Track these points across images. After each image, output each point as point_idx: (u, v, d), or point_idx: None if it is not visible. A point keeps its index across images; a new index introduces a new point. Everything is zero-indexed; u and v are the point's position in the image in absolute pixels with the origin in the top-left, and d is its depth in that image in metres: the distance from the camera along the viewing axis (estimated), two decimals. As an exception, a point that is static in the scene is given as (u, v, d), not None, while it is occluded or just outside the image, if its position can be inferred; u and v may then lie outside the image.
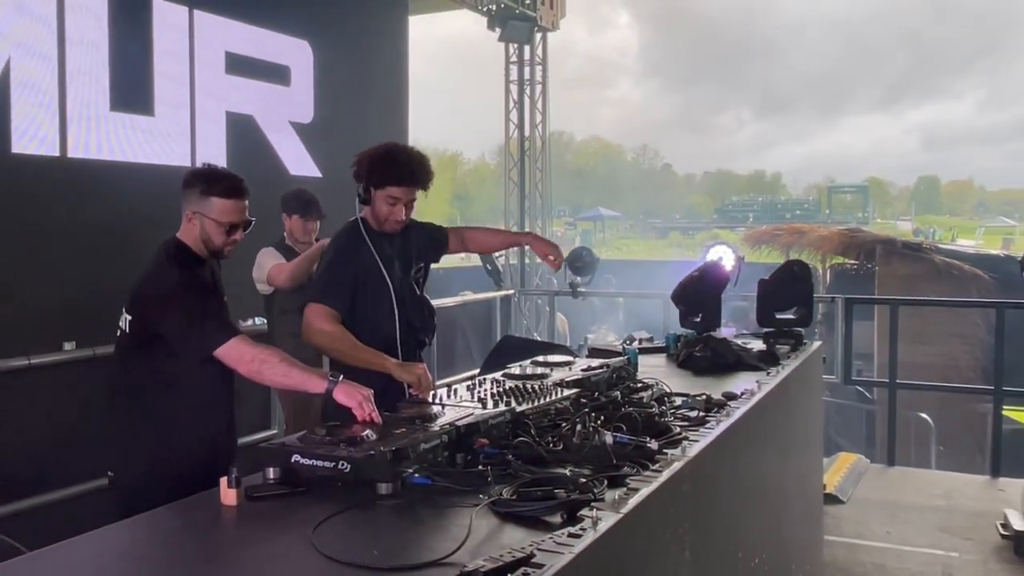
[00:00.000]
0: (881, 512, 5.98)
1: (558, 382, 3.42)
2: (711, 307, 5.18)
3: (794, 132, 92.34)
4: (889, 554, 5.22)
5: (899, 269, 10.10)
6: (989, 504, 6.00)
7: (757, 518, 3.64)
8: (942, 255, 10.19)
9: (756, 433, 3.58)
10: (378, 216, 3.50)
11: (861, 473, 6.88)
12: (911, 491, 6.51)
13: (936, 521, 5.79)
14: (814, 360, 5.23)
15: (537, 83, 9.76)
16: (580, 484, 2.30)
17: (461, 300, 8.90)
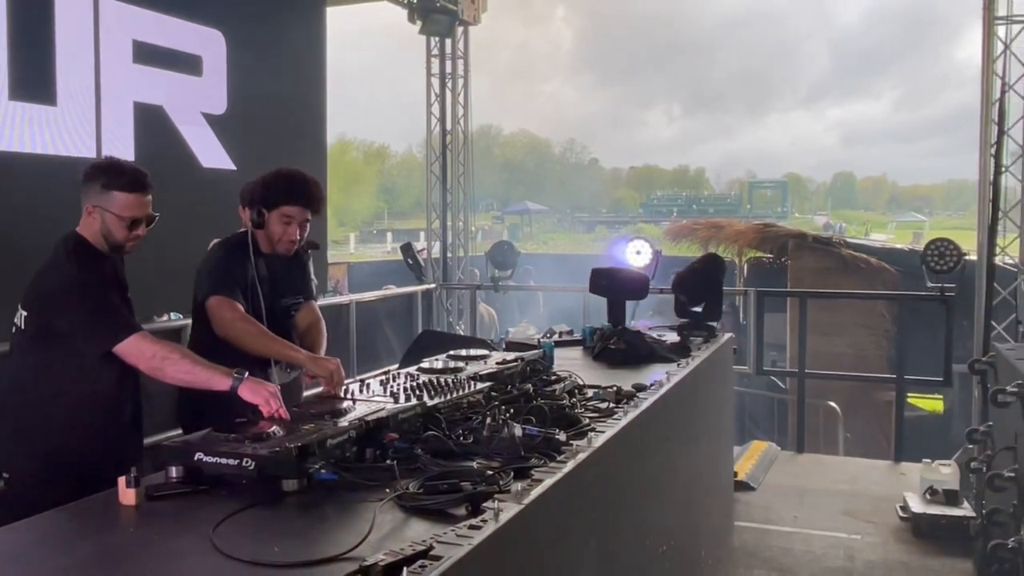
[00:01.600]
0: (790, 497, 6.19)
1: (472, 376, 3.44)
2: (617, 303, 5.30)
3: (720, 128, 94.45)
4: (796, 538, 5.41)
5: (810, 263, 10.46)
6: (891, 488, 6.27)
7: (666, 506, 3.73)
8: (850, 249, 10.60)
9: (665, 423, 3.67)
10: (272, 237, 3.49)
11: (772, 460, 7.10)
12: (819, 477, 6.76)
13: (841, 505, 6.02)
14: (725, 351, 5.37)
15: (459, 77, 9.74)
16: (486, 476, 2.34)
17: (381, 294, 8.85)
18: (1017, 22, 7.08)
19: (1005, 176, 6.97)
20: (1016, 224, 7.23)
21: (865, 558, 5.10)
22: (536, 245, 38.93)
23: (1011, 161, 7.12)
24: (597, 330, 4.96)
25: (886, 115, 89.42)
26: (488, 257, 8.70)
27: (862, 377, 9.04)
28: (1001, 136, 6.56)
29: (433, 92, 9.73)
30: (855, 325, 9.70)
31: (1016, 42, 7.10)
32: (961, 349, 7.81)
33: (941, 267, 6.88)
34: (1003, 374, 5.44)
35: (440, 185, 9.72)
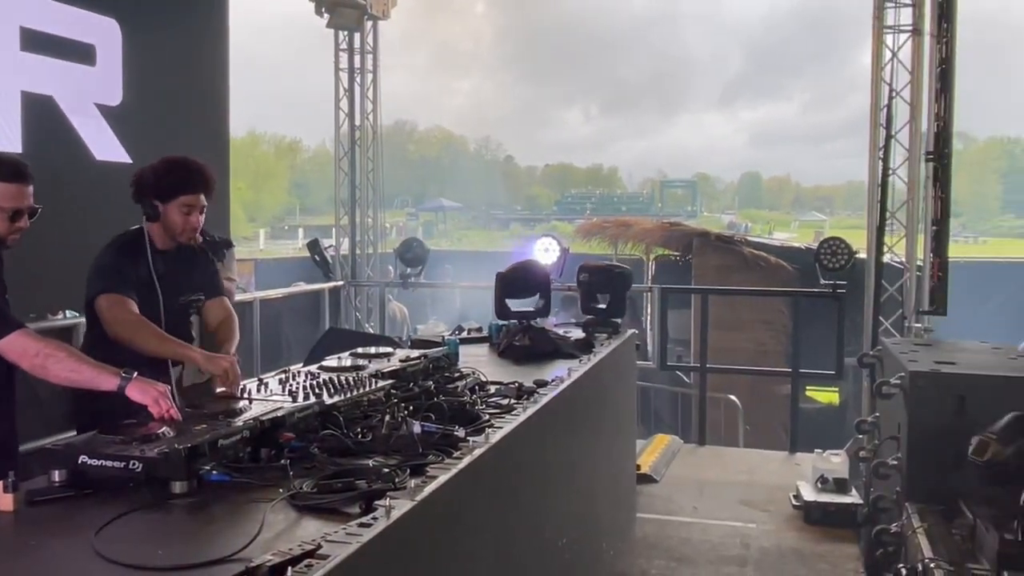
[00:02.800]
0: (690, 489, 6.37)
1: (374, 374, 3.43)
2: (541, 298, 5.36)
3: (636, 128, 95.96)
4: (695, 528, 5.58)
5: (713, 260, 10.77)
6: (786, 478, 6.51)
7: (566, 500, 3.80)
8: (751, 247, 10.95)
9: (566, 418, 3.74)
10: (172, 228, 3.41)
11: (675, 453, 7.29)
12: (719, 468, 6.97)
13: (738, 495, 6.23)
14: (627, 347, 5.49)
15: (368, 72, 9.65)
16: (382, 474, 2.34)
17: (287, 292, 8.72)
18: (904, 31, 7.44)
19: (893, 179, 7.33)
20: (903, 224, 7.60)
21: (759, 545, 5.30)
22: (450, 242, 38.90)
23: (898, 164, 7.49)
24: (504, 327, 5.00)
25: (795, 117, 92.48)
26: (397, 254, 8.67)
27: (760, 371, 9.37)
28: (888, 140, 6.89)
29: (342, 87, 9.62)
30: (755, 321, 10.03)
31: (903, 51, 7.47)
32: (854, 344, 8.16)
33: (833, 265, 7.18)
34: (889, 367, 5.72)
35: (349, 181, 9.62)
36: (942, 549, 4.32)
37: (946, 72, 6.93)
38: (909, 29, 7.45)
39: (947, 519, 4.56)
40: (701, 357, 7.94)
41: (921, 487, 4.94)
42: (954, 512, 4.52)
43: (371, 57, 9.67)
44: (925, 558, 4.24)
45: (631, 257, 12.78)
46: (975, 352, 6.03)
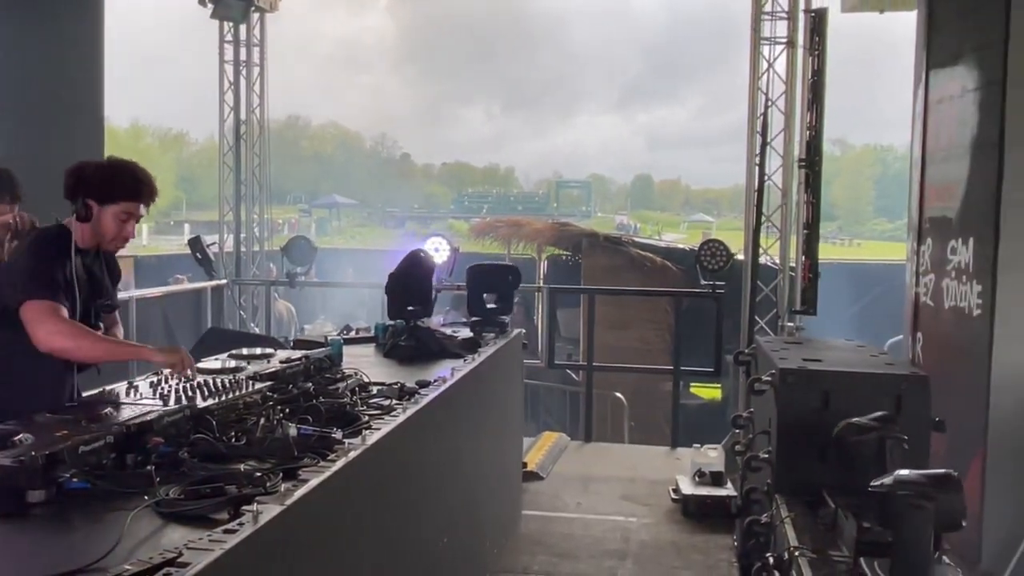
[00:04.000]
0: (575, 485, 6.51)
1: (252, 375, 3.37)
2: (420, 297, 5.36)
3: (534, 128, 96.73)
4: (577, 523, 5.70)
5: (601, 260, 11.02)
6: (666, 473, 6.72)
7: (448, 499, 3.82)
8: (638, 248, 11.26)
9: (448, 417, 3.76)
10: (103, 234, 3.21)
11: (562, 450, 7.43)
12: (603, 464, 7.14)
13: (621, 491, 6.40)
14: (514, 346, 5.57)
15: (255, 65, 9.42)
16: (253, 479, 2.31)
17: (166, 291, 8.43)
18: (779, 43, 7.79)
19: (768, 184, 7.67)
20: (777, 227, 7.95)
21: (639, 539, 5.46)
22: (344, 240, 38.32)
23: (773, 170, 7.84)
24: (390, 327, 4.99)
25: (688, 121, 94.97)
26: (283, 252, 8.50)
27: (644, 369, 9.63)
28: (764, 147, 7.20)
29: (227, 79, 9.36)
30: (642, 320, 10.31)
31: (778, 62, 7.82)
32: (735, 342, 8.49)
33: (713, 266, 7.46)
34: (762, 365, 5.97)
35: (234, 177, 9.38)
36: (807, 538, 4.55)
37: (817, 84, 7.32)
38: (784, 41, 7.80)
39: (812, 509, 4.83)
40: (588, 356, 8.11)
41: (789, 479, 5.18)
42: (819, 502, 4.79)
43: (258, 50, 9.44)
44: (791, 547, 4.46)
45: (524, 256, 12.91)
46: (841, 350, 6.36)
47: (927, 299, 8.27)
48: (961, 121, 7.61)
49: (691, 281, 9.42)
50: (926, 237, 8.40)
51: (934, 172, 8.32)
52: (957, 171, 7.66)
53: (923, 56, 8.40)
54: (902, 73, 8.28)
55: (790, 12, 7.71)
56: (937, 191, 8.28)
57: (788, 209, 7.82)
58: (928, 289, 8.21)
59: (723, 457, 6.24)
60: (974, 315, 7.20)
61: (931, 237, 8.27)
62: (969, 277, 7.39)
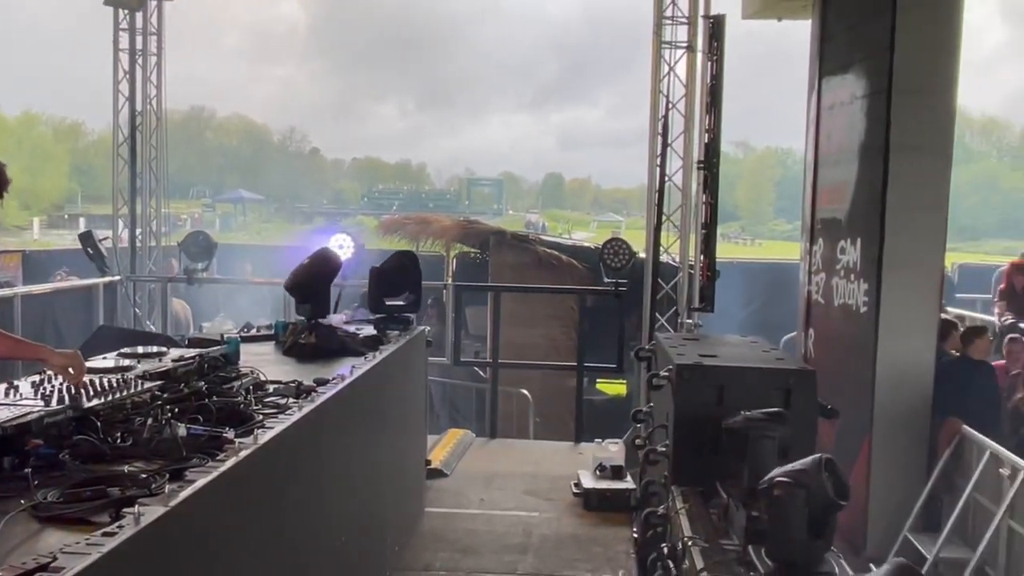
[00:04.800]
0: (479, 482, 6.54)
1: (141, 375, 3.27)
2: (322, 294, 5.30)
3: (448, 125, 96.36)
4: (480, 519, 5.74)
5: (509, 258, 11.09)
6: (569, 467, 6.81)
7: (347, 498, 3.80)
8: (545, 247, 11.38)
9: (347, 415, 3.74)
10: None
11: (467, 447, 7.45)
12: (508, 461, 7.20)
13: (524, 486, 6.47)
14: (418, 343, 5.56)
15: (152, 54, 9.12)
16: (138, 480, 2.26)
17: (54, 287, 8.08)
18: (680, 47, 8.00)
19: (669, 184, 7.87)
20: (677, 227, 8.17)
21: (541, 533, 5.54)
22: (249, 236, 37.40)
23: (674, 171, 8.05)
24: (290, 325, 4.92)
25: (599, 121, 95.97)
26: (181, 248, 8.26)
27: (548, 365, 9.74)
28: (665, 149, 7.39)
29: (121, 68, 9.03)
30: (548, 317, 10.42)
31: (679, 66, 8.03)
32: (640, 339, 8.67)
33: (616, 264, 7.61)
34: (661, 361, 6.14)
35: (129, 169, 9.05)
36: (700, 528, 4.72)
37: (716, 88, 7.55)
38: (684, 46, 8.01)
39: (707, 500, 4.99)
40: (493, 353, 8.17)
41: (685, 471, 5.35)
42: (713, 493, 4.95)
43: (155, 38, 9.14)
44: (684, 537, 4.61)
45: (433, 254, 12.87)
46: (736, 346, 6.59)
47: (818, 297, 8.64)
48: (850, 127, 8.00)
49: (597, 279, 9.56)
50: (818, 237, 8.79)
51: (825, 175, 8.71)
52: (846, 174, 8.04)
53: (816, 64, 8.78)
54: (801, 79, 8.65)
55: (690, 17, 7.93)
56: (828, 193, 8.67)
57: (688, 209, 8.05)
58: (819, 287, 8.59)
59: (623, 451, 6.37)
60: (861, 312, 7.58)
61: (822, 237, 8.66)
62: (857, 276, 7.77)
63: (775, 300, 11.24)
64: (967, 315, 8.95)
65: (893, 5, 6.95)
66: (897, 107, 7.01)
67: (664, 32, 7.95)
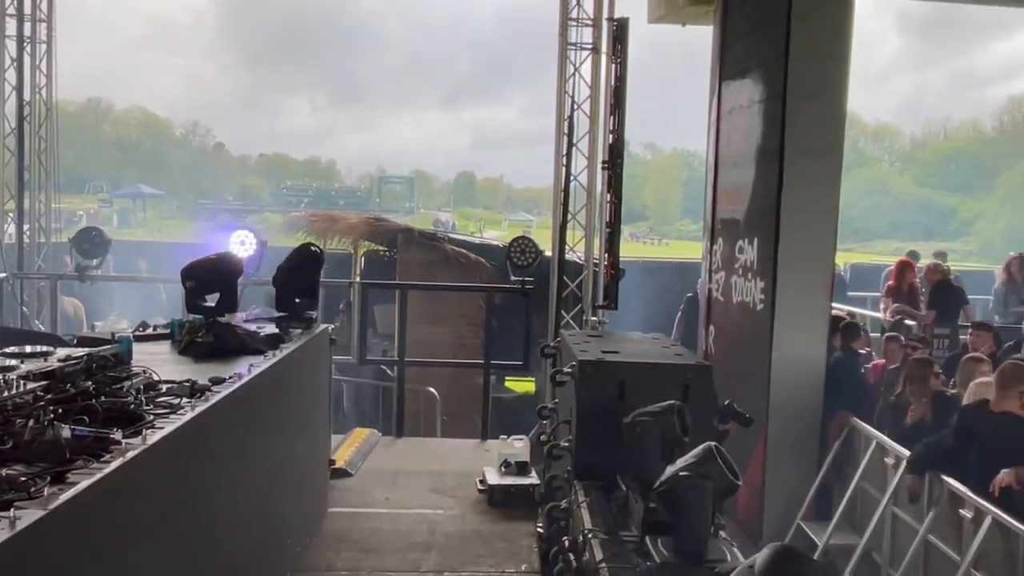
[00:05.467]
0: (384, 480, 6.50)
1: (25, 375, 3.14)
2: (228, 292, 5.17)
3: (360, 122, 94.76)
4: (385, 518, 5.71)
5: (417, 256, 11.04)
6: (475, 464, 6.83)
7: (244, 498, 3.73)
8: (453, 245, 11.37)
9: (244, 415, 3.67)
10: None
11: (373, 446, 7.39)
12: (413, 459, 7.17)
13: (430, 484, 6.46)
14: (320, 342, 5.49)
15: (41, 42, 8.71)
16: (16, 483, 2.17)
17: (-71, 286, 7.65)
18: (585, 49, 8.12)
19: (575, 184, 7.98)
20: (582, 225, 8.28)
21: (445, 530, 5.54)
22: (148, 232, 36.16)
23: (579, 170, 8.15)
24: (187, 323, 4.79)
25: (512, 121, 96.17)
26: (73, 244, 7.93)
27: (454, 363, 9.75)
28: (570, 148, 7.49)
29: (8, 56, 8.60)
30: (457, 316, 10.42)
31: (584, 67, 8.15)
32: (548, 337, 8.76)
33: (522, 262, 7.67)
34: (565, 357, 6.23)
35: (16, 162, 8.63)
36: (600, 520, 4.82)
37: (619, 89, 7.69)
38: (589, 48, 8.13)
39: (608, 493, 5.09)
40: (399, 351, 8.12)
41: (587, 465, 5.45)
42: (615, 486, 5.05)
43: (45, 25, 8.73)
44: (585, 529, 4.70)
45: (340, 252, 12.69)
46: (638, 342, 6.75)
47: (718, 295, 8.91)
48: (748, 130, 8.27)
49: (505, 277, 9.61)
50: (718, 237, 9.05)
51: (725, 177, 8.98)
52: (744, 177, 8.31)
53: (717, 69, 9.05)
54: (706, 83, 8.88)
55: (595, 20, 8.05)
56: (728, 195, 8.95)
57: (592, 208, 8.16)
58: (719, 285, 8.85)
59: (527, 447, 6.43)
60: (758, 309, 7.85)
61: (722, 237, 8.93)
62: (754, 274, 8.04)
63: (681, 298, 11.51)
64: (858, 312, 9.35)
65: (788, 14, 7.22)
66: (791, 112, 7.28)
67: (569, 34, 8.05)
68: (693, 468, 4.10)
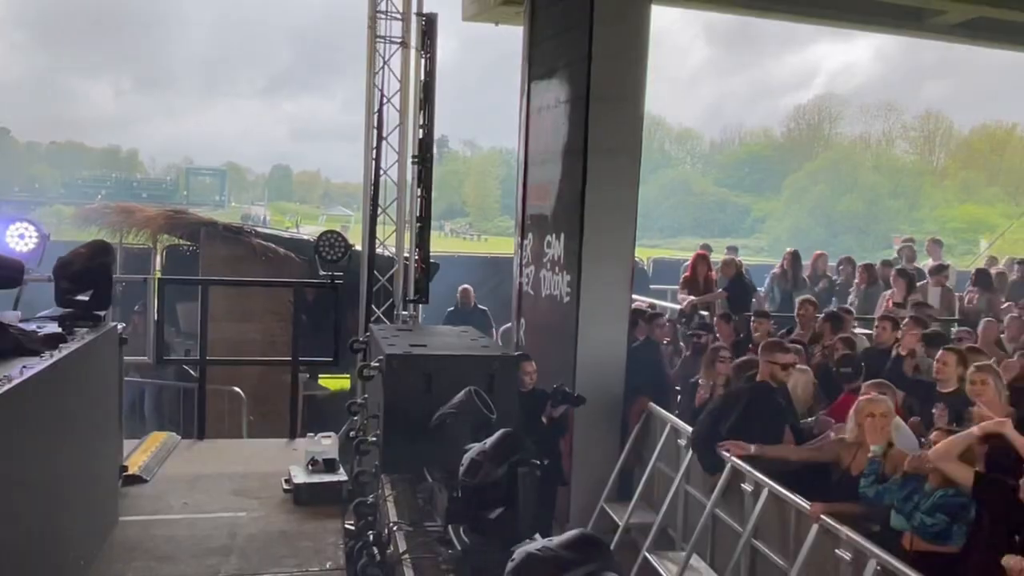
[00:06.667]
0: (182, 485, 6.19)
1: None
2: None
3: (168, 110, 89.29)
4: (182, 524, 5.43)
5: (222, 251, 10.57)
6: (282, 464, 6.62)
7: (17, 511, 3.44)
8: (260, 239, 10.99)
9: (15, 420, 3.39)
10: None
11: (170, 450, 7.02)
12: (216, 461, 6.86)
13: (232, 486, 6.21)
14: (108, 341, 5.16)
15: None
16: None
17: None
18: (394, 43, 8.07)
19: (385, 178, 7.93)
20: (393, 220, 8.24)
21: (247, 532, 5.35)
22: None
23: (389, 165, 8.11)
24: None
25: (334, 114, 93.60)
26: None
27: (260, 361, 9.43)
28: (380, 142, 7.43)
29: None
30: (266, 312, 10.06)
31: (393, 60, 8.10)
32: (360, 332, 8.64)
33: (332, 256, 7.52)
34: (375, 352, 6.20)
35: None
36: (406, 513, 4.84)
37: (429, 84, 7.72)
38: (399, 41, 8.09)
39: (414, 486, 5.12)
40: (201, 350, 7.76)
41: (395, 459, 5.45)
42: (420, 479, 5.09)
43: None
44: (391, 522, 4.71)
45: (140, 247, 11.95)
46: (446, 336, 6.82)
47: (528, 288, 9.15)
48: (555, 129, 8.53)
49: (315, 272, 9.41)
50: (528, 232, 9.30)
51: (534, 174, 9.24)
52: (552, 174, 8.58)
53: (526, 68, 9.27)
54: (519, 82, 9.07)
55: (404, 14, 8.02)
56: (536, 191, 9.20)
57: (403, 202, 8.15)
58: (529, 279, 9.09)
59: (336, 444, 6.35)
60: (564, 302, 8.13)
61: (532, 232, 9.18)
62: (561, 268, 8.32)
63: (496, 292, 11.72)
64: (659, 304, 9.88)
65: (590, 19, 7.51)
66: (594, 113, 7.59)
67: (379, 26, 7.97)
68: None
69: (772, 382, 5.74)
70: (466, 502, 3.97)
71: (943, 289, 9.23)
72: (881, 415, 4.78)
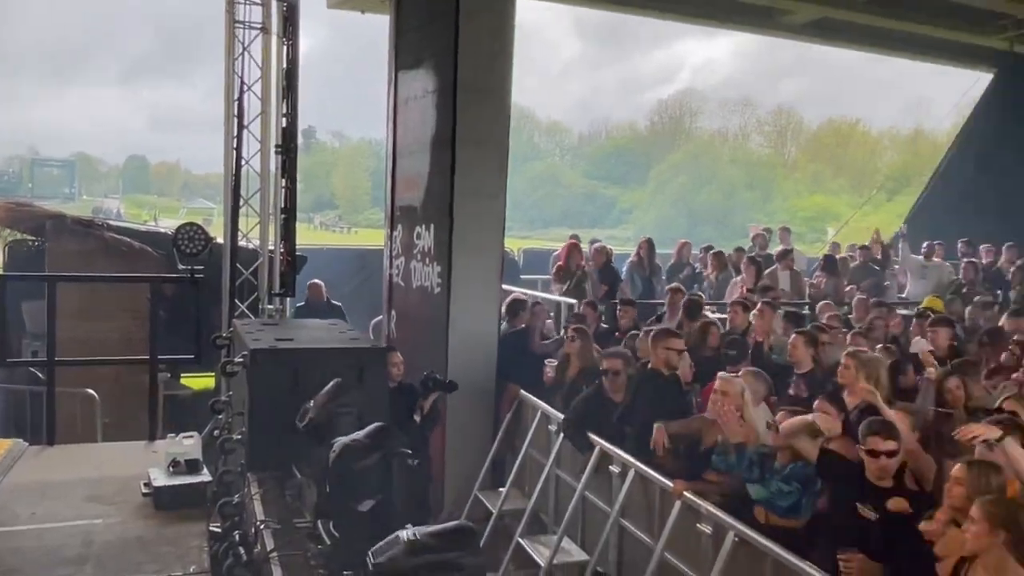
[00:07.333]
0: (31, 494, 5.81)
1: None
2: None
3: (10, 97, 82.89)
4: (29, 535, 5.11)
5: (71, 246, 9.96)
6: (141, 467, 6.31)
7: None
8: (113, 232, 10.43)
9: None
10: None
11: (16, 458, 6.58)
12: (67, 467, 6.48)
13: (86, 492, 5.88)
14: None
15: None
16: None
17: None
18: (254, 28, 7.82)
19: (247, 168, 7.68)
20: (256, 211, 8.00)
21: (103, 540, 5.09)
22: None
23: (252, 154, 7.87)
24: None
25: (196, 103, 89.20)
26: None
27: (114, 361, 8.95)
28: (241, 131, 7.19)
29: None
30: (121, 309, 9.55)
31: (254, 46, 7.85)
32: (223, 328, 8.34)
33: (191, 250, 7.24)
34: (239, 347, 6.00)
35: None
36: (274, 510, 4.73)
37: (291, 72, 7.53)
38: (259, 27, 7.85)
39: (282, 483, 5.00)
40: (49, 349, 7.30)
41: (262, 457, 5.30)
42: (289, 475, 4.97)
43: None
44: (258, 521, 4.59)
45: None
46: (314, 329, 6.69)
47: (399, 280, 9.08)
48: (423, 120, 8.49)
49: (174, 267, 9.03)
50: (398, 224, 9.22)
51: (403, 165, 9.16)
52: (420, 165, 8.54)
53: (393, 58, 9.18)
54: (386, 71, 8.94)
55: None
56: (406, 182, 9.13)
57: (267, 193, 7.92)
58: (400, 271, 9.03)
59: (199, 444, 6.12)
60: (435, 292, 8.11)
61: (402, 224, 9.11)
62: (431, 259, 8.29)
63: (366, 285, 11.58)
64: (529, 293, 10.02)
65: (456, 10, 7.51)
66: (461, 104, 7.60)
67: (237, 11, 7.70)
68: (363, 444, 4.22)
69: (665, 369, 5.88)
70: (336, 495, 3.91)
71: (792, 272, 9.78)
72: (730, 394, 5.03)
